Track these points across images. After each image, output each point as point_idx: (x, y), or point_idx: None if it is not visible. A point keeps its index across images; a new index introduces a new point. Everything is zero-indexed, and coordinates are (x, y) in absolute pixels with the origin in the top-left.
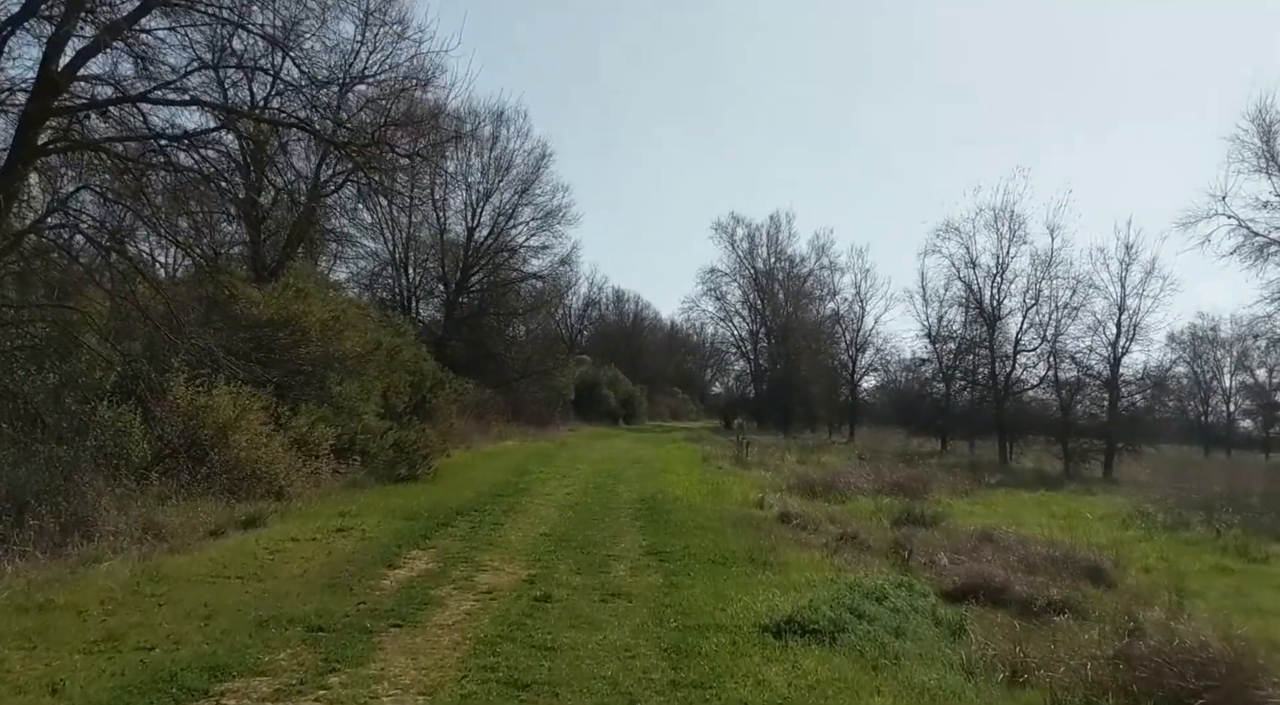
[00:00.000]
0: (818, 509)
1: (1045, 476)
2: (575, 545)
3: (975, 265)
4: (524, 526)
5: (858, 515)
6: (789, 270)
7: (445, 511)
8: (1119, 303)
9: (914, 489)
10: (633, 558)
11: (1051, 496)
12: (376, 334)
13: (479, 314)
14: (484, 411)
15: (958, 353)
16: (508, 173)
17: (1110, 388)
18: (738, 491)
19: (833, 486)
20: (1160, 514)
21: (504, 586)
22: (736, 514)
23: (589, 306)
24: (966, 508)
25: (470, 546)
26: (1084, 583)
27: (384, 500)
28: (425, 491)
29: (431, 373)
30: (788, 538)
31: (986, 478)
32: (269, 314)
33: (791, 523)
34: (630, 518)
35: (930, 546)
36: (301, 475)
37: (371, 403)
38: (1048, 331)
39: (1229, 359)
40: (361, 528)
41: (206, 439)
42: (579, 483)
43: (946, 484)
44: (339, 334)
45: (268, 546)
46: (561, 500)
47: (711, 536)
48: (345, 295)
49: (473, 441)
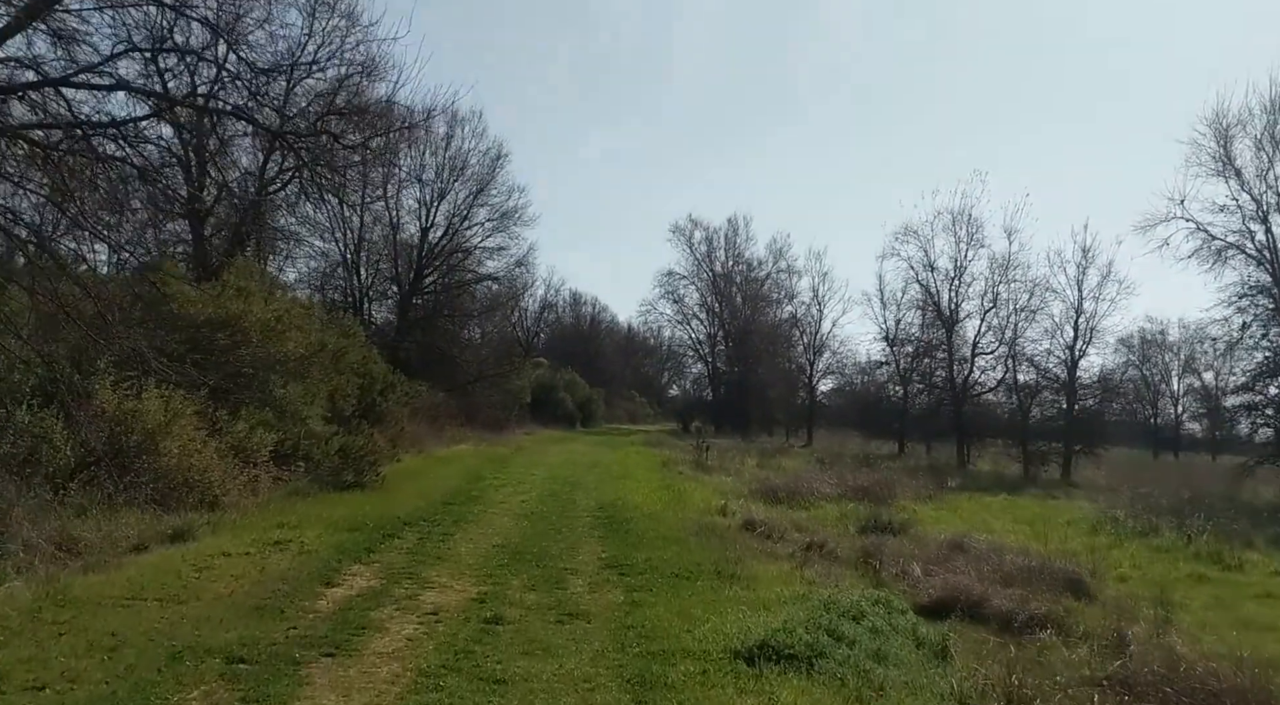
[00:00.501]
0: (782, 516)
1: (1005, 479)
2: (530, 558)
3: (934, 268)
4: (476, 538)
5: (823, 522)
6: (747, 274)
7: (392, 522)
8: (1076, 306)
9: (878, 494)
10: (591, 572)
11: (1014, 501)
12: (321, 335)
13: (433, 316)
14: (438, 415)
15: (915, 355)
16: (463, 173)
17: (1067, 391)
18: (699, 498)
19: (796, 492)
20: (1129, 519)
21: (451, 607)
22: (699, 522)
23: (545, 309)
24: (932, 513)
25: (417, 560)
26: (1063, 595)
27: (327, 510)
28: (372, 500)
29: (382, 375)
30: (753, 548)
31: (948, 481)
32: (206, 314)
33: (756, 531)
34: (589, 527)
35: (901, 556)
36: (238, 484)
37: (316, 406)
38: (1005, 334)
39: (1177, 362)
40: (300, 540)
41: (134, 445)
42: (535, 489)
43: (910, 488)
44: (280, 335)
45: (195, 563)
46: (517, 509)
47: (674, 548)
48: (291, 295)
49: (425, 446)
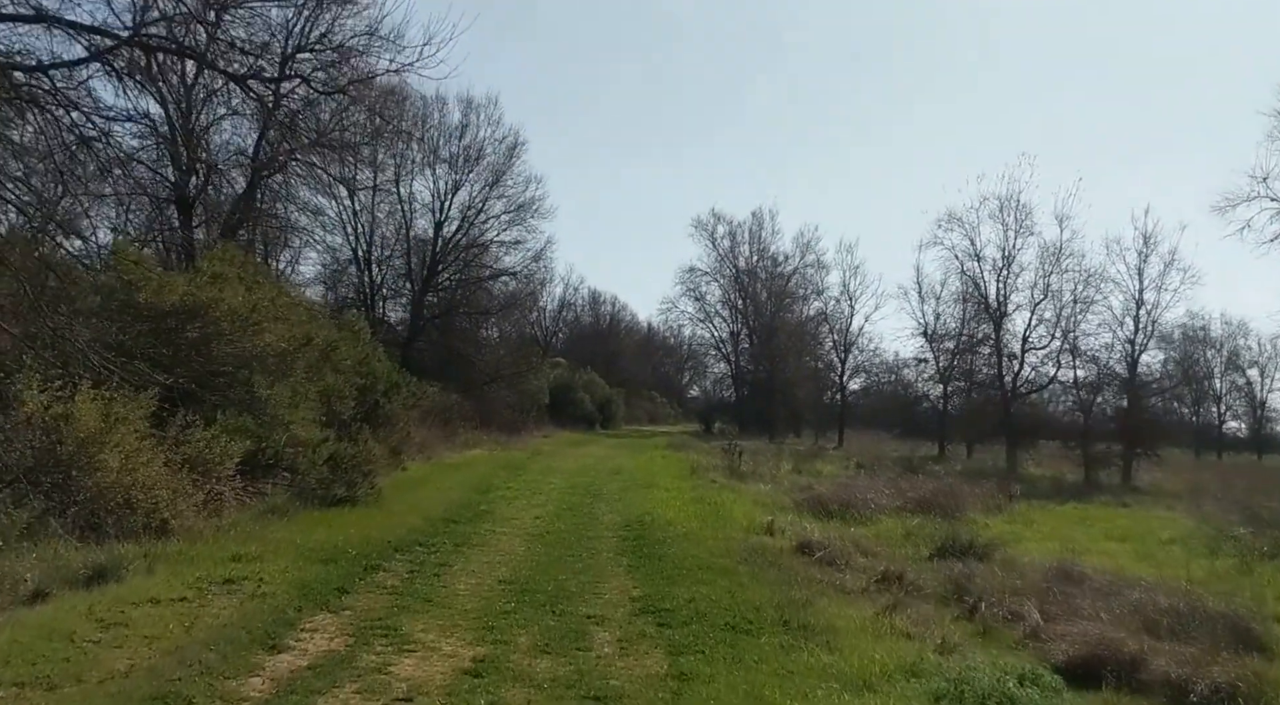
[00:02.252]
0: (838, 534)
1: (1064, 486)
2: (543, 598)
3: (980, 258)
4: (478, 568)
5: (887, 542)
6: (772, 269)
7: (380, 547)
8: (1136, 297)
9: (943, 506)
10: (621, 619)
11: (1085, 510)
12: (307, 327)
13: (448, 314)
14: (450, 418)
15: (956, 352)
16: (478, 163)
17: (1128, 388)
18: (739, 512)
19: (847, 504)
20: (1252, 537)
21: (433, 686)
22: (745, 544)
23: (564, 308)
24: (1007, 528)
25: (400, 605)
26: (1232, 649)
27: (303, 533)
28: (363, 518)
29: (385, 375)
30: (817, 579)
31: (1014, 490)
32: (173, 302)
33: (815, 556)
34: (614, 552)
35: (999, 590)
36: (193, 503)
37: (302, 410)
38: (1057, 328)
39: (1219, 359)
40: (258, 577)
41: (64, 458)
42: (552, 502)
43: (973, 498)
44: (256, 326)
45: (105, 617)
46: (529, 527)
47: (722, 581)
48: (283, 285)
49: (435, 451)
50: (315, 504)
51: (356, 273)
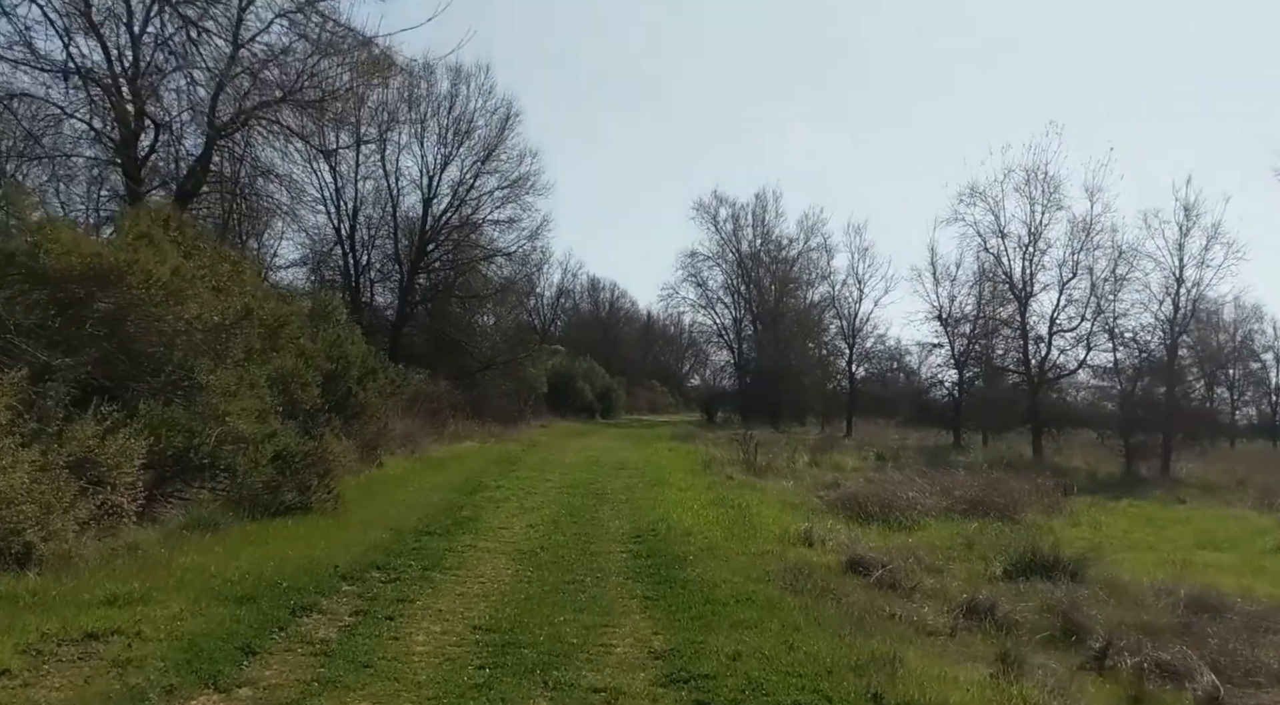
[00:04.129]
0: (888, 544)
1: (1103, 479)
2: (532, 659)
3: (1004, 235)
4: (449, 606)
5: (944, 552)
6: (776, 253)
7: (322, 575)
8: (1177, 274)
9: (997, 506)
10: (642, 694)
11: (1144, 508)
12: (246, 299)
13: (439, 297)
14: (439, 408)
15: (973, 336)
16: (469, 136)
17: (1167, 372)
18: (768, 516)
19: (887, 505)
20: None
21: None
22: (783, 561)
23: (562, 295)
24: (1074, 532)
25: (325, 677)
26: None
27: (225, 557)
28: (312, 532)
29: (360, 359)
30: (882, 610)
31: (1070, 486)
32: (80, 267)
33: (871, 575)
34: (625, 575)
35: (1123, 626)
36: (73, 520)
37: (243, 399)
38: (1088, 309)
39: (1231, 343)
40: (134, 630)
41: None
42: (548, 505)
43: (1022, 495)
44: (178, 293)
45: None
46: (520, 540)
47: (771, 622)
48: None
49: (420, 444)
50: (257, 513)
51: (341, 254)
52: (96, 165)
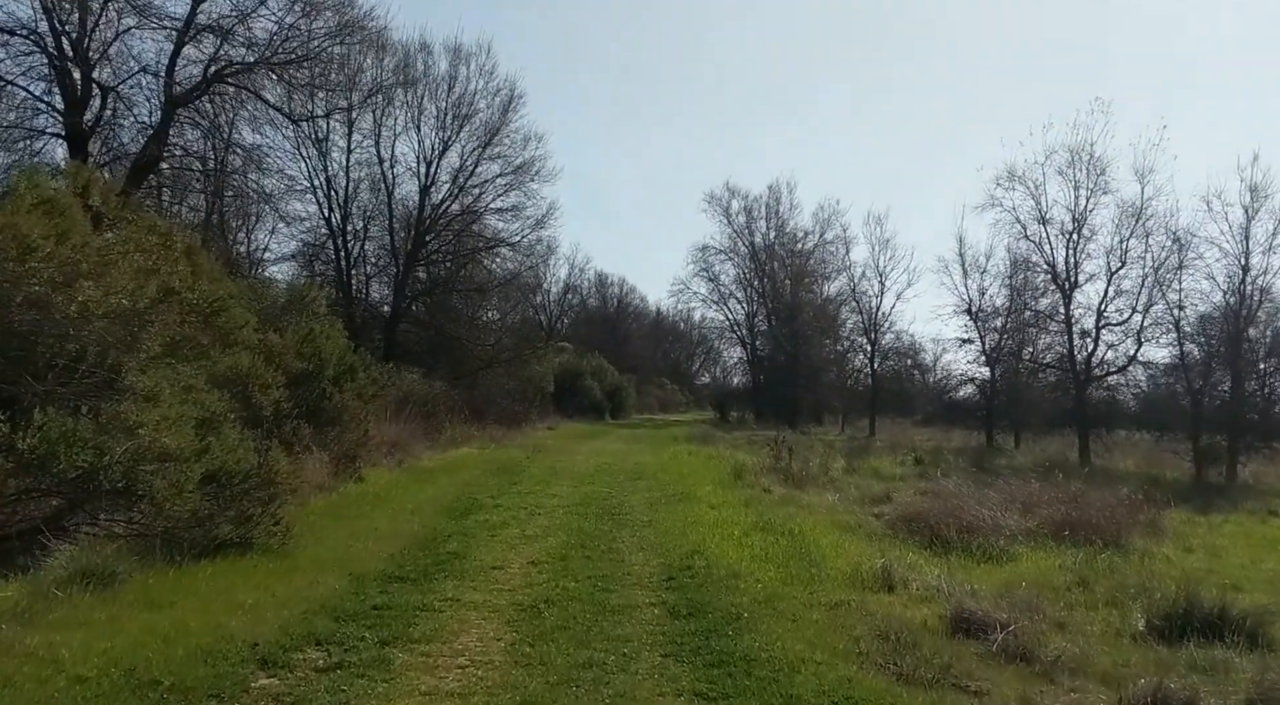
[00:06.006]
0: (977, 581)
1: (1168, 485)
2: None
3: (1045, 221)
4: None
5: (1052, 595)
6: (790, 246)
7: (232, 660)
8: (1242, 262)
9: (1097, 528)
10: None
11: (1243, 523)
12: (168, 278)
13: (438, 290)
14: (433, 410)
15: (1004, 330)
16: (469, 120)
17: (1233, 368)
18: (828, 547)
19: (966, 528)
20: None
21: None
22: (868, 618)
23: (569, 291)
24: (1188, 560)
25: None
26: None
27: (95, 633)
28: (244, 581)
29: (336, 356)
30: None
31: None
32: None
33: (989, 639)
34: (660, 649)
35: None
36: None
37: (165, 405)
38: (1140, 301)
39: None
40: None
41: None
42: (555, 531)
43: (1117, 512)
44: (70, 268)
45: None
46: (518, 589)
47: None
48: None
49: (411, 452)
50: (179, 555)
51: (332, 245)
52: (32, 136)
